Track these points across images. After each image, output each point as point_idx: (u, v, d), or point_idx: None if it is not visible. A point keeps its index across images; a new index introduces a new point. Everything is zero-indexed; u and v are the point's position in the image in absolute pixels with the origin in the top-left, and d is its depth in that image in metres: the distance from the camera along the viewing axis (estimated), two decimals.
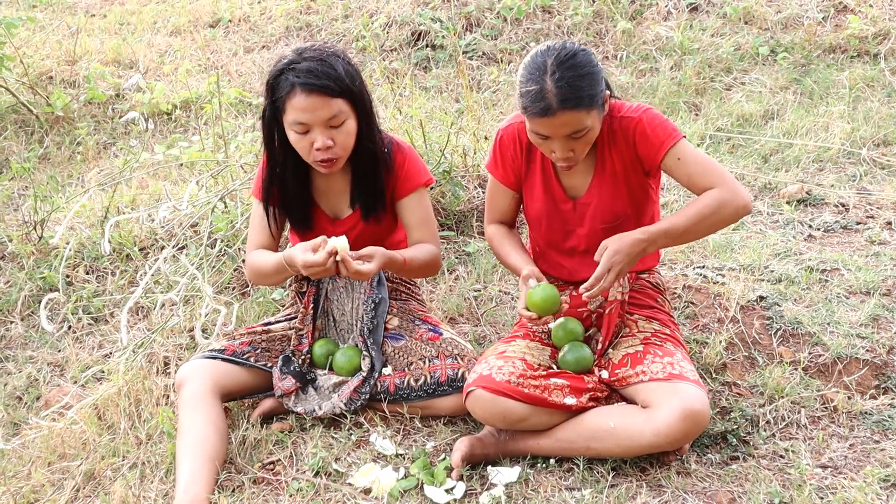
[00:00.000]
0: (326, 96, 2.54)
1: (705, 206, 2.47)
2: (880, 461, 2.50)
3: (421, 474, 2.47)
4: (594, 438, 2.46)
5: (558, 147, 2.45)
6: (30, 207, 4.08)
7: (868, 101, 5.24)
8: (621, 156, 2.61)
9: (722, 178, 2.49)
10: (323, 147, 2.59)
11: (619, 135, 2.59)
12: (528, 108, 2.40)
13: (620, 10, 6.48)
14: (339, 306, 2.93)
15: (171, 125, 5.66)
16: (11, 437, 2.90)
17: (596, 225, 2.67)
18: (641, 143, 2.55)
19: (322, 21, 6.87)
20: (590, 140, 2.47)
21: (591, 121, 2.41)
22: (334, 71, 2.55)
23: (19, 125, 5.67)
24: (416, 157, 2.88)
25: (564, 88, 2.34)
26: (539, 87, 2.37)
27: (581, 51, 2.42)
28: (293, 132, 2.61)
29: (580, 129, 2.41)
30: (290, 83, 2.54)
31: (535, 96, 2.37)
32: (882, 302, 3.16)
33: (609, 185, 2.64)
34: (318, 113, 2.55)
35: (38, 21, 7.13)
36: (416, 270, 2.80)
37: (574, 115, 2.37)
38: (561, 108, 2.35)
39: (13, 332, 3.57)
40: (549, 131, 2.41)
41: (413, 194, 2.84)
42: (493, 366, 2.54)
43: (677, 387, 2.40)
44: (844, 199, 4.10)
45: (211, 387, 2.65)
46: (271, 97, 2.62)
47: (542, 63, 2.39)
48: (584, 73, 2.37)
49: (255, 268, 2.82)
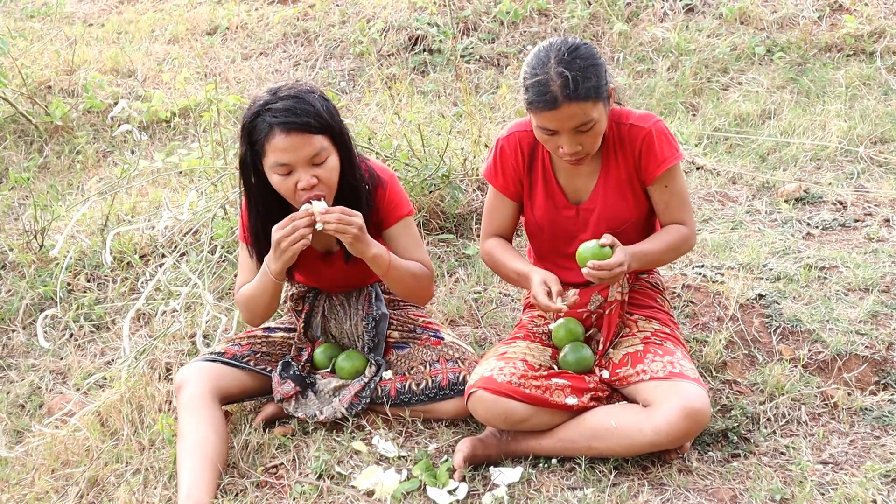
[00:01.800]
0: (307, 134, 2.46)
1: (675, 241, 2.64)
2: (881, 457, 2.50)
3: (423, 476, 2.48)
4: (596, 438, 2.47)
5: (566, 142, 2.45)
6: (30, 217, 4.09)
7: (864, 99, 5.26)
8: (627, 163, 2.61)
9: (690, 217, 2.67)
10: (308, 186, 2.49)
11: (626, 141, 2.59)
12: (534, 102, 2.41)
13: (616, 13, 6.49)
14: (336, 325, 2.91)
15: (171, 133, 5.67)
16: (15, 445, 2.91)
17: (600, 230, 2.65)
18: (646, 154, 2.57)
19: (319, 27, 6.88)
20: (597, 133, 2.47)
21: (598, 113, 2.42)
22: (312, 108, 2.47)
23: (18, 135, 5.68)
24: (397, 187, 2.78)
25: (568, 80, 2.35)
26: (543, 79, 2.37)
27: (583, 44, 2.44)
28: (275, 175, 2.50)
29: (587, 122, 2.41)
30: (267, 124, 2.45)
31: (540, 89, 2.38)
32: (881, 298, 3.16)
33: (614, 191, 2.64)
34: (301, 152, 2.46)
35: (37, 31, 7.15)
36: (404, 279, 2.69)
37: (580, 107, 2.37)
38: (566, 100, 2.36)
39: (15, 340, 3.58)
40: (556, 125, 2.41)
41: (398, 224, 2.76)
42: (495, 367, 2.54)
43: (678, 385, 2.41)
44: (842, 196, 4.11)
45: (210, 390, 2.66)
46: (248, 141, 2.51)
47: (546, 57, 2.40)
48: (588, 65, 2.38)
49: (243, 299, 2.75)
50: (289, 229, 2.49)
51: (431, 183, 3.97)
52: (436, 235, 3.94)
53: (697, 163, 4.59)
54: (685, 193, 2.66)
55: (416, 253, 2.77)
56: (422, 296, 2.82)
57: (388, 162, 3.95)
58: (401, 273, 2.68)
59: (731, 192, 4.32)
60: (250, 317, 2.79)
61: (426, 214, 3.95)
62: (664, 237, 2.63)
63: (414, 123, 4.20)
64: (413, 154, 4.05)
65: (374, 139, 4.18)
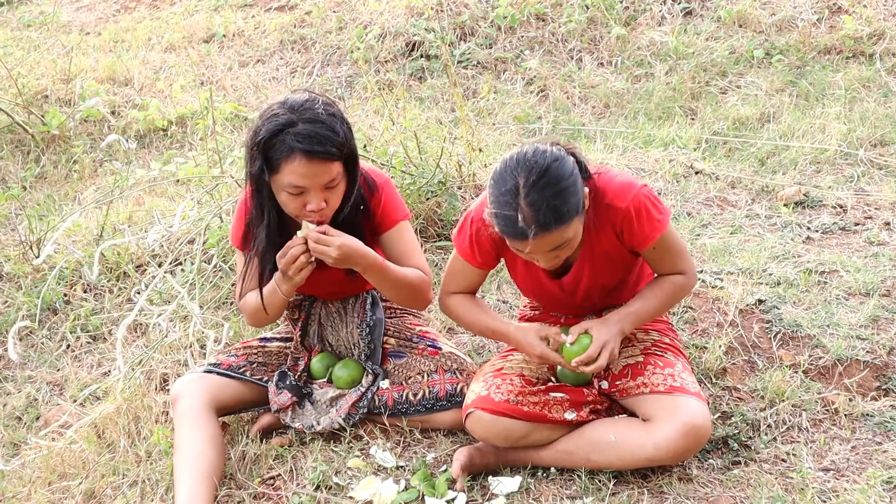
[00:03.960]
0: (327, 161, 2.42)
1: (670, 292, 2.54)
2: (883, 463, 2.49)
3: (421, 486, 2.47)
4: (595, 451, 2.45)
5: (542, 259, 2.34)
6: (26, 227, 4.08)
7: (864, 101, 5.24)
8: (609, 237, 2.48)
9: (688, 264, 2.55)
10: (317, 209, 2.47)
11: (605, 221, 2.44)
12: (505, 233, 2.27)
13: (614, 17, 6.48)
14: (333, 332, 2.90)
15: (168, 141, 5.66)
16: (11, 458, 2.90)
17: (591, 296, 2.62)
18: (627, 232, 2.43)
19: (316, 34, 6.87)
20: (574, 245, 2.34)
21: (573, 230, 2.28)
22: (336, 136, 2.42)
23: (15, 145, 5.67)
24: (392, 192, 2.75)
25: (540, 213, 2.19)
26: (513, 213, 2.21)
27: (553, 162, 2.23)
28: (286, 193, 2.46)
29: (562, 243, 2.28)
30: (289, 147, 2.38)
31: (509, 223, 2.23)
32: (882, 303, 3.15)
33: (599, 263, 2.53)
34: (317, 179, 2.42)
35: (33, 40, 7.14)
36: (399, 287, 2.67)
37: (554, 235, 2.24)
38: (540, 233, 2.21)
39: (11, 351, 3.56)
40: (530, 250, 2.28)
41: (394, 229, 2.74)
42: (491, 385, 2.52)
43: (678, 401, 2.39)
44: (842, 200, 4.09)
45: (206, 401, 2.64)
46: (264, 156, 2.44)
47: (514, 186, 2.21)
48: (560, 190, 2.21)
49: (249, 307, 2.75)
50: (289, 258, 2.50)
51: (428, 190, 3.95)
52: (433, 242, 3.93)
53: (696, 167, 4.57)
54: (677, 246, 2.51)
55: (412, 259, 2.74)
56: (419, 302, 2.78)
57: (384, 169, 3.93)
58: (395, 281, 2.65)
59: (730, 196, 4.31)
60: (254, 321, 2.81)
61: (423, 221, 3.93)
62: (657, 291, 2.53)
63: (410, 130, 4.19)
64: (409, 161, 4.04)
65: (370, 146, 4.16)
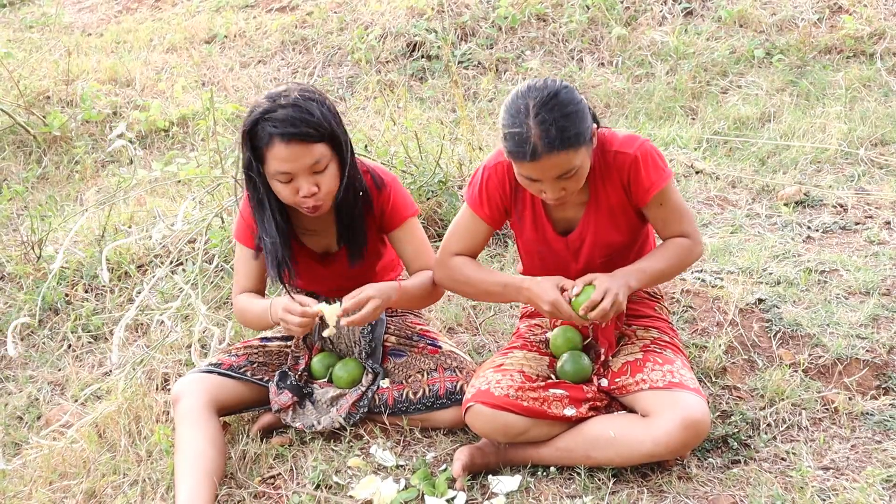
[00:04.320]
0: (307, 143, 2.45)
1: (676, 254, 2.57)
2: (882, 462, 2.49)
3: (422, 485, 2.47)
4: (594, 447, 2.45)
5: (549, 188, 2.38)
6: (28, 228, 4.09)
7: (864, 101, 5.24)
8: (616, 189, 2.54)
9: (692, 227, 2.59)
10: (308, 194, 2.50)
11: (612, 169, 2.51)
12: (513, 153, 2.33)
13: (615, 17, 6.48)
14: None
15: (169, 142, 5.67)
16: (12, 458, 2.90)
17: (593, 260, 2.63)
18: (634, 180, 2.49)
19: (317, 35, 6.88)
20: (581, 177, 2.40)
21: (580, 159, 2.34)
22: (312, 116, 2.46)
23: (17, 146, 5.68)
24: (400, 189, 2.78)
25: (548, 131, 2.26)
26: (523, 131, 2.29)
27: (563, 88, 2.33)
28: (276, 181, 2.52)
29: (569, 170, 2.33)
30: (267, 133, 2.44)
31: (518, 141, 2.30)
32: (882, 302, 3.15)
33: (604, 219, 2.58)
34: (301, 161, 2.46)
35: (35, 42, 7.15)
36: (416, 300, 2.74)
37: (561, 157, 2.29)
38: (547, 152, 2.27)
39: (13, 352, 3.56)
40: (538, 174, 2.34)
41: (404, 226, 2.76)
42: (492, 380, 2.53)
43: (677, 396, 2.39)
44: (843, 199, 4.09)
45: (207, 401, 2.64)
46: (250, 147, 2.52)
47: (524, 106, 2.30)
48: (568, 113, 2.29)
49: (241, 313, 2.78)
50: (297, 321, 2.53)
51: (429, 189, 3.96)
52: (434, 242, 3.93)
53: (697, 167, 4.57)
54: (682, 206, 2.58)
55: (424, 258, 2.79)
56: (433, 301, 2.89)
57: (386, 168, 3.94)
58: (414, 298, 2.74)
59: (730, 195, 4.31)
60: (244, 324, 2.87)
61: (424, 221, 3.94)
62: (663, 252, 2.58)
63: (411, 130, 4.20)
64: (410, 160, 4.04)
65: (371, 146, 4.17)
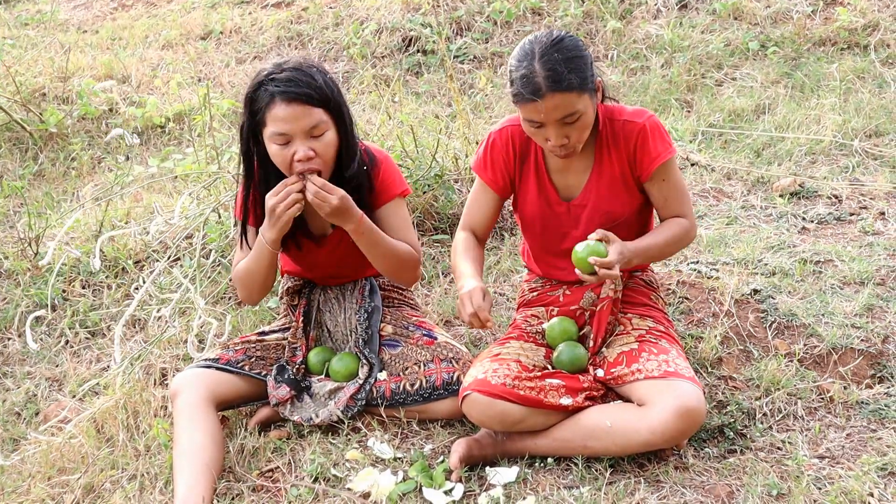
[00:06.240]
0: (307, 105, 2.52)
1: (676, 234, 2.63)
2: (877, 450, 2.50)
3: (419, 477, 2.48)
4: (591, 437, 2.46)
5: (552, 133, 2.45)
6: (25, 224, 4.09)
7: (859, 92, 5.24)
8: (621, 159, 2.61)
9: (690, 209, 2.68)
10: (304, 157, 2.54)
11: (620, 137, 2.60)
12: (519, 94, 2.42)
13: (610, 10, 6.48)
14: (331, 317, 2.93)
15: (166, 138, 5.67)
16: (11, 453, 2.91)
17: (592, 227, 2.64)
18: (641, 149, 2.57)
19: (313, 30, 6.87)
20: (584, 125, 2.47)
21: (583, 104, 2.43)
22: (314, 80, 2.55)
23: (13, 143, 5.67)
24: (391, 166, 2.84)
25: (552, 70, 2.37)
26: (528, 71, 2.39)
27: (568, 36, 2.46)
28: (274, 144, 2.57)
29: (572, 113, 2.42)
30: (269, 93, 2.53)
31: (523, 81, 2.40)
32: (876, 291, 3.16)
33: (607, 187, 2.64)
34: (300, 122, 2.53)
35: (31, 38, 7.14)
36: (387, 255, 2.72)
37: (564, 98, 2.38)
38: (550, 90, 2.37)
39: (10, 348, 3.57)
40: (541, 116, 2.42)
41: (390, 204, 2.80)
42: (488, 369, 2.54)
43: (673, 384, 2.41)
44: (837, 190, 4.10)
45: (205, 396, 2.65)
46: (250, 110, 2.60)
47: (531, 49, 2.43)
48: (572, 56, 2.40)
49: (240, 274, 2.80)
50: (282, 195, 2.56)
51: (425, 183, 3.96)
52: (430, 236, 3.94)
53: (692, 159, 4.58)
54: (683, 187, 2.67)
55: (404, 234, 2.81)
56: (405, 275, 2.84)
57: None
58: (384, 249, 2.71)
59: (725, 187, 4.32)
60: (247, 293, 2.85)
61: (420, 215, 3.94)
62: (665, 231, 2.63)
63: (407, 124, 4.20)
64: (406, 154, 4.05)
65: (367, 140, 4.16)
